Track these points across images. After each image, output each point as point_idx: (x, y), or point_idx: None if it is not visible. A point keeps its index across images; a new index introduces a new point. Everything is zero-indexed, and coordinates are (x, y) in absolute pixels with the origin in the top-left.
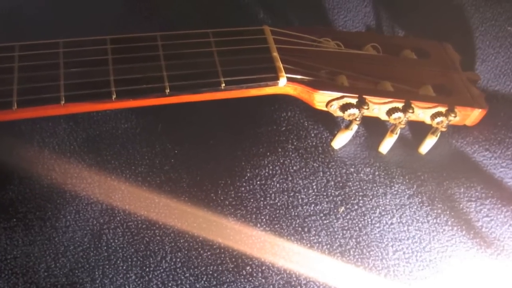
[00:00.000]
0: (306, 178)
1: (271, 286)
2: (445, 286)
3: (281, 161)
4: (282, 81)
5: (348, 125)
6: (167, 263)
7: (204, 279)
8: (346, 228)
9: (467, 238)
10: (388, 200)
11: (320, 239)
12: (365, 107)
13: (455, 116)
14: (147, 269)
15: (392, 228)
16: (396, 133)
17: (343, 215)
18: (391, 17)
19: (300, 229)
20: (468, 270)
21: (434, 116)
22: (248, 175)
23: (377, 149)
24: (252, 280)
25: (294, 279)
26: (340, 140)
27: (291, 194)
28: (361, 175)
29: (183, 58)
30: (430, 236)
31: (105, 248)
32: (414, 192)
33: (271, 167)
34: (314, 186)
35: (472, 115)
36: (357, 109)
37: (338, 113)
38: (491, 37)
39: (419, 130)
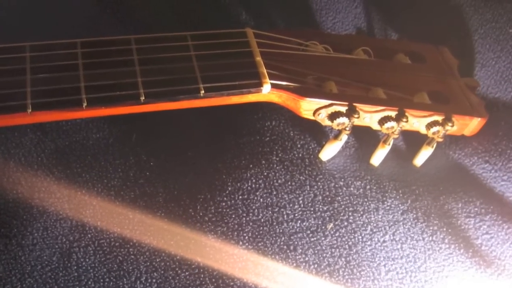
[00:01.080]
0: (291, 192)
1: None
2: None
3: (265, 174)
4: (266, 87)
5: (337, 135)
6: (142, 284)
7: None
8: (335, 246)
9: (466, 257)
10: (380, 216)
11: (307, 258)
12: (356, 115)
13: (452, 126)
14: None
15: (384, 246)
16: (389, 144)
17: (332, 232)
18: (384, 19)
19: (285, 247)
20: None
21: (429, 125)
22: (230, 189)
23: (368, 161)
24: None
25: None
26: (329, 152)
27: (276, 209)
28: (351, 189)
29: (159, 63)
30: (426, 255)
31: (75, 268)
32: (408, 207)
33: (254, 181)
34: (301, 201)
35: (470, 125)
36: (347, 118)
37: (327, 122)
38: (492, 40)
39: (413, 140)
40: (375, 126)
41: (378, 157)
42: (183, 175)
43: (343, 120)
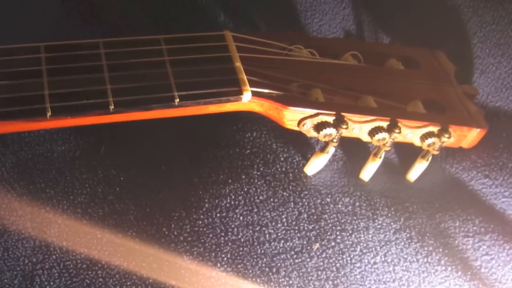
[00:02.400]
0: (274, 209)
1: None
2: None
3: (245, 189)
4: (246, 95)
5: (323, 148)
6: None
7: None
8: (321, 268)
9: (464, 280)
10: (370, 236)
11: (290, 281)
12: (344, 126)
13: (449, 137)
14: None
15: (375, 269)
16: (380, 157)
17: (318, 253)
18: (374, 21)
19: (267, 269)
20: None
21: (424, 137)
22: (207, 206)
23: (357, 176)
24: None
25: None
26: (315, 165)
27: (257, 228)
28: (339, 206)
29: (130, 69)
30: (420, 278)
31: None
32: (401, 226)
33: (233, 197)
34: (284, 219)
35: (469, 136)
36: (335, 129)
37: (312, 134)
38: (492, 44)
39: (407, 153)
40: (365, 138)
41: (368, 171)
42: (156, 191)
43: (330, 131)
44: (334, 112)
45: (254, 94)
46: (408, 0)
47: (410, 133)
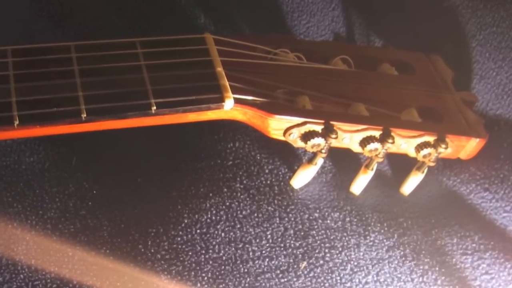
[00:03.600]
0: (258, 225)
1: None
2: None
3: (227, 204)
4: (229, 103)
5: (311, 159)
6: None
7: None
8: None
9: None
10: (362, 253)
11: None
12: (333, 136)
13: (446, 148)
14: None
15: None
16: (372, 169)
17: (305, 272)
18: (366, 23)
19: None
20: None
21: (420, 147)
22: (186, 221)
23: (348, 189)
24: None
25: None
26: (302, 178)
27: (240, 245)
28: (328, 221)
29: (104, 75)
30: None
31: None
32: (395, 243)
33: (214, 212)
34: (269, 236)
35: (467, 146)
36: (323, 139)
37: (299, 144)
38: (492, 47)
39: (401, 165)
40: (356, 148)
41: (359, 184)
42: (131, 205)
43: (319, 141)
44: (322, 121)
45: (237, 101)
46: (402, 0)
47: (405, 143)
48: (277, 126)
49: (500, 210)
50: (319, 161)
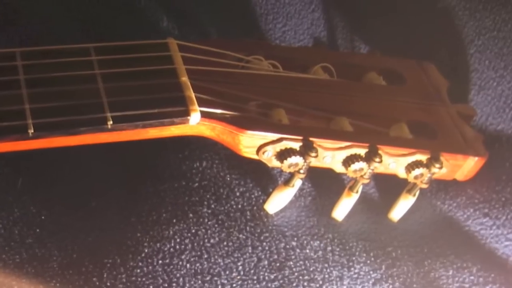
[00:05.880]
0: (228, 255)
1: None
2: None
3: (193, 231)
4: (195, 117)
5: (288, 180)
6: None
7: None
8: None
9: None
10: (345, 287)
11: None
12: (313, 154)
13: (440, 167)
14: None
15: None
16: (357, 192)
17: None
18: (350, 26)
19: None
20: None
21: (410, 167)
22: (146, 251)
23: (329, 215)
24: None
25: None
26: (277, 202)
27: (207, 278)
28: (307, 251)
29: (54, 85)
30: None
31: None
32: (383, 275)
33: (178, 240)
34: (240, 267)
35: (465, 166)
36: (302, 157)
37: (274, 163)
38: (492, 54)
39: (389, 187)
40: (339, 168)
41: (342, 209)
42: (84, 233)
43: (297, 160)
44: (301, 137)
45: (204, 115)
46: (391, 2)
47: (393, 162)
48: (249, 143)
49: (501, 238)
50: (297, 182)
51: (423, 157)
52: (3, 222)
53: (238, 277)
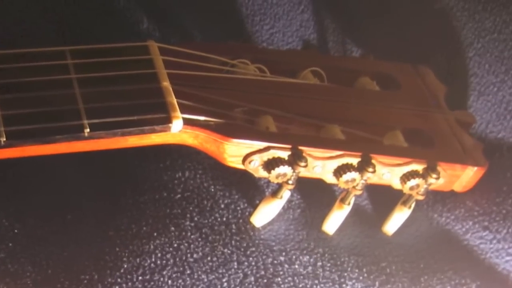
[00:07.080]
0: (212, 271)
1: None
2: None
3: (175, 245)
4: (177, 124)
5: (276, 192)
6: None
7: None
8: None
9: None
10: None
11: None
12: (302, 164)
13: (437, 178)
14: None
15: None
16: (349, 204)
17: None
18: (342, 28)
19: None
20: None
21: (406, 177)
22: (125, 266)
23: (320, 228)
24: None
25: None
26: (264, 214)
27: None
28: (296, 266)
29: (27, 90)
30: None
31: None
32: None
33: (159, 255)
34: (225, 284)
35: (463, 176)
36: (290, 167)
37: (262, 173)
38: (492, 58)
39: (383, 199)
40: (330, 179)
41: (333, 222)
42: (60, 248)
43: (285, 169)
44: (289, 146)
45: (187, 122)
46: (385, 2)
47: (388, 172)
48: (234, 152)
49: (502, 252)
50: (285, 194)
51: (419, 167)
52: None
53: None
